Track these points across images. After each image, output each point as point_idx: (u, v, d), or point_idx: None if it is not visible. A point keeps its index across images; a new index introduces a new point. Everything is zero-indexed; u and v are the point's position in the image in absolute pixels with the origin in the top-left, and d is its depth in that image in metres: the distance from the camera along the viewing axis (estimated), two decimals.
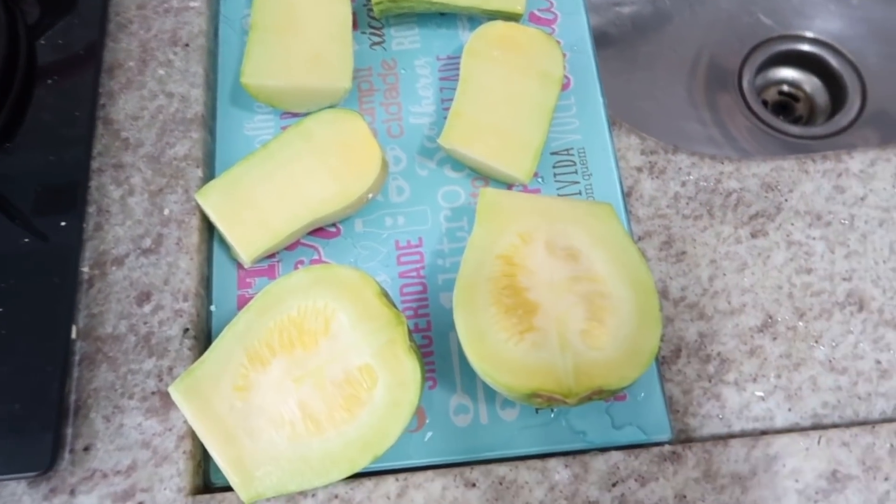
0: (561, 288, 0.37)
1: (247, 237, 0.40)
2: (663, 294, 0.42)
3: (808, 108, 0.75)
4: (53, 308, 0.39)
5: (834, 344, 0.41)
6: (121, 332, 0.39)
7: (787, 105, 0.75)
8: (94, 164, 0.44)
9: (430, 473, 0.37)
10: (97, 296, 0.40)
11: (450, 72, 0.49)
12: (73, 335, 0.39)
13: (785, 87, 0.76)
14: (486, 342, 0.35)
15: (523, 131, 0.44)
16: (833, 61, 0.74)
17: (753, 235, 0.44)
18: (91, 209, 0.42)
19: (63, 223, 0.41)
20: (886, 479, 0.37)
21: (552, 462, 0.37)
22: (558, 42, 0.46)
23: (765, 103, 0.74)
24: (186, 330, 0.39)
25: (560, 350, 0.35)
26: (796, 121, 0.74)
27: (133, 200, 0.43)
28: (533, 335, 0.35)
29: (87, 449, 0.37)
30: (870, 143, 0.68)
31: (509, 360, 0.35)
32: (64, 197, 0.42)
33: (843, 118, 0.72)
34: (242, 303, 0.42)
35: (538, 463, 0.37)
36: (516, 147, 0.43)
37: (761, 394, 0.40)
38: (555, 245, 0.38)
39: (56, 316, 0.39)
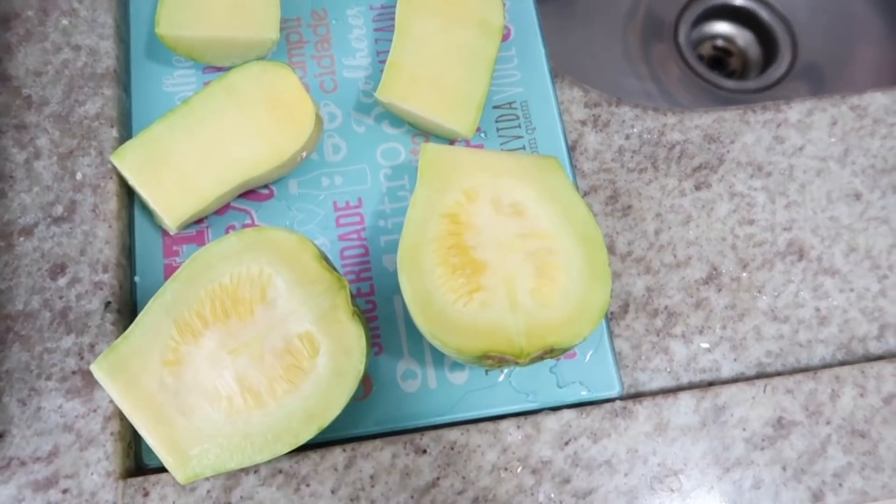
0: (509, 246, 0.36)
1: (171, 201, 0.37)
2: (610, 249, 0.41)
3: (741, 63, 0.76)
4: None
5: (776, 293, 0.41)
6: (33, 308, 0.36)
7: (721, 59, 0.75)
8: None
9: (378, 442, 0.35)
10: (4, 269, 0.37)
11: (385, 22, 0.46)
12: None
13: (719, 42, 0.76)
14: (434, 304, 0.34)
15: (464, 84, 0.42)
16: (765, 15, 0.75)
17: (697, 188, 0.43)
18: None
19: None
20: (828, 422, 0.37)
21: (504, 424, 0.36)
22: None
23: (700, 58, 0.74)
24: (108, 303, 0.36)
25: (510, 309, 0.34)
26: (730, 75, 0.74)
27: (40, 164, 0.39)
28: (481, 295, 0.34)
29: (1, 436, 0.34)
30: (801, 96, 0.69)
31: (458, 322, 0.33)
32: None
33: (776, 71, 0.73)
34: (170, 272, 0.39)
35: (490, 425, 0.36)
36: (458, 100, 0.41)
37: (707, 345, 0.40)
38: (501, 201, 0.37)
39: None
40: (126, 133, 0.41)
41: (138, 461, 0.36)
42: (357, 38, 0.45)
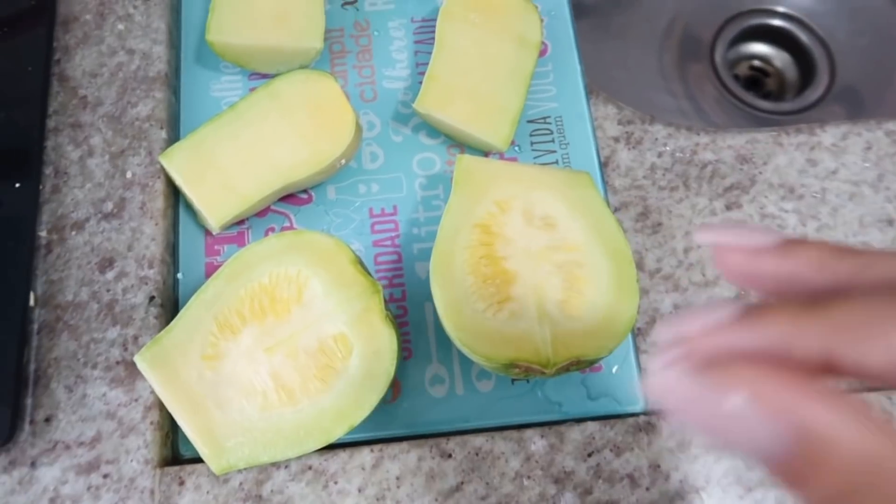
0: (538, 257, 0.36)
1: (215, 202, 0.39)
2: (639, 265, 0.42)
3: (777, 84, 0.75)
4: (9, 274, 0.37)
5: None
6: (82, 299, 0.38)
7: (757, 80, 0.75)
8: (50, 124, 0.41)
9: (405, 444, 0.36)
10: (56, 262, 0.38)
11: (425, 35, 0.47)
12: (31, 302, 0.37)
13: (756, 62, 0.76)
14: (464, 312, 0.35)
15: (500, 97, 0.43)
16: (803, 37, 0.74)
17: (728, 208, 0.44)
18: (48, 171, 0.40)
19: (18, 185, 0.39)
20: None
21: (528, 433, 0.37)
22: (536, 6, 0.45)
23: (736, 77, 0.74)
24: (152, 298, 0.38)
25: (538, 320, 0.35)
26: (766, 96, 0.74)
27: (93, 162, 0.41)
28: (511, 305, 0.35)
29: (48, 420, 0.35)
30: (837, 119, 0.69)
31: (487, 331, 0.34)
32: (18, 157, 0.40)
33: (812, 94, 0.72)
34: (210, 271, 0.40)
35: (514, 433, 0.37)
36: (493, 113, 0.42)
37: None
38: (532, 214, 0.38)
39: (12, 282, 0.37)
40: (174, 135, 0.43)
41: (175, 451, 0.37)
42: (397, 49, 0.47)
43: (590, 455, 0.36)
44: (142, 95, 0.42)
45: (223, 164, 0.40)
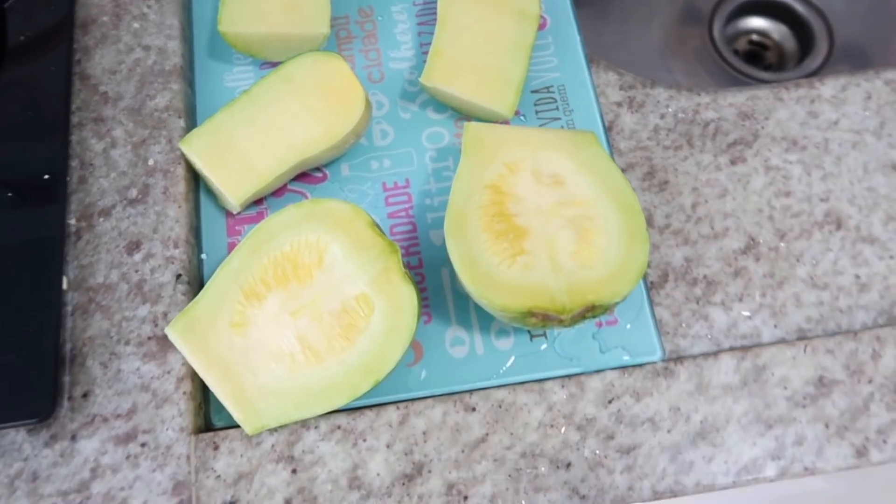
0: (549, 213, 0.38)
1: (234, 181, 0.40)
2: (648, 222, 0.43)
3: (777, 56, 0.76)
4: (43, 260, 0.39)
5: (815, 262, 0.42)
6: (112, 281, 0.39)
7: (757, 54, 0.76)
8: (74, 119, 0.43)
9: (430, 401, 0.37)
10: (86, 247, 0.40)
11: (426, 16, 0.49)
12: (65, 286, 0.39)
13: (754, 37, 0.77)
14: (480, 266, 0.36)
15: (503, 68, 0.44)
16: (800, 8, 0.75)
17: (732, 162, 0.45)
18: (74, 163, 0.42)
19: (46, 176, 0.41)
20: (870, 381, 0.38)
21: (549, 384, 0.38)
22: None
23: (736, 52, 0.75)
24: (179, 276, 0.39)
25: (552, 270, 0.36)
26: (766, 69, 0.75)
27: (116, 153, 0.43)
28: (524, 258, 0.36)
29: (85, 395, 0.37)
30: None
31: (503, 282, 0.35)
32: (45, 152, 0.42)
33: (812, 63, 0.73)
34: (233, 250, 0.42)
35: (535, 385, 0.38)
36: (497, 83, 0.44)
37: (748, 313, 0.41)
38: (541, 172, 0.39)
39: (46, 269, 0.39)
40: (192, 123, 0.45)
41: (207, 421, 0.38)
42: (401, 31, 0.48)
43: (610, 402, 0.37)
44: (159, 88, 0.44)
45: (241, 146, 0.41)
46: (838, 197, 0.44)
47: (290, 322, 0.35)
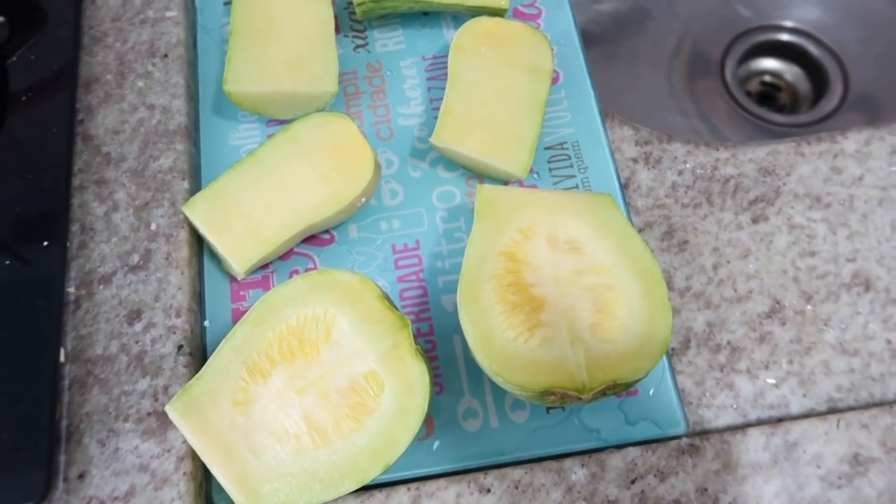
0: (566, 282, 0.36)
1: (239, 247, 0.39)
2: (668, 285, 0.41)
3: (790, 97, 0.75)
4: (39, 331, 0.37)
5: (843, 326, 0.40)
6: (112, 352, 0.38)
7: (769, 95, 0.75)
8: (76, 182, 0.42)
9: (442, 481, 0.35)
10: (85, 316, 0.39)
11: (437, 71, 0.48)
12: (62, 358, 0.37)
13: (767, 78, 0.76)
14: (494, 341, 0.34)
15: (516, 126, 0.43)
16: (813, 49, 0.74)
17: (754, 221, 0.43)
18: (74, 228, 0.41)
19: (46, 243, 0.39)
20: None
21: (568, 462, 0.36)
22: (545, 36, 0.46)
23: (748, 94, 0.74)
24: (181, 347, 0.38)
25: (571, 345, 0.34)
26: (780, 110, 0.74)
27: (118, 216, 0.41)
28: (542, 331, 0.34)
29: (81, 476, 0.35)
30: (857, 127, 0.68)
31: (519, 359, 0.34)
32: (45, 216, 0.41)
33: (827, 105, 0.72)
34: (237, 317, 0.40)
35: (554, 464, 0.36)
36: (510, 142, 0.42)
37: (774, 381, 0.39)
38: (557, 238, 0.37)
39: (42, 339, 0.37)
40: (196, 185, 0.44)
41: (208, 501, 0.36)
42: (411, 87, 0.47)
43: (633, 482, 0.35)
44: (163, 148, 0.43)
45: (245, 210, 0.40)
46: (866, 257, 0.42)
47: (296, 400, 0.34)
